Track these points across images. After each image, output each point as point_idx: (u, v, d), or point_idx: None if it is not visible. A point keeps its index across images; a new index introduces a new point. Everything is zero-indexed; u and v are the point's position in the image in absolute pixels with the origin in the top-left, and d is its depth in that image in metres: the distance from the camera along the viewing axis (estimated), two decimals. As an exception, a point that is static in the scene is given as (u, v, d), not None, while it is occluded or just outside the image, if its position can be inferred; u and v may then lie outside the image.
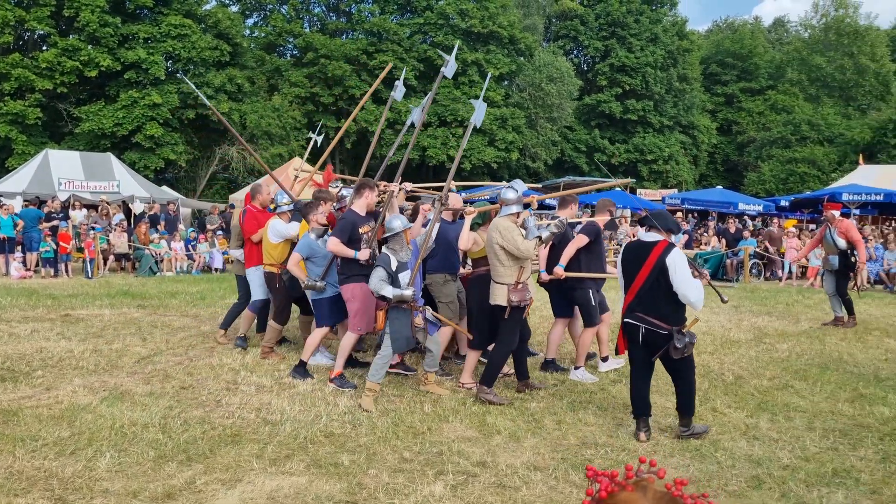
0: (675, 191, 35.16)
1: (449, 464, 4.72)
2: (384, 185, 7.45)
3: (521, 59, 39.44)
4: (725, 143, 48.59)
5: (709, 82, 49.39)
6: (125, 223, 18.15)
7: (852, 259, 10.51)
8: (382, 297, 6.08)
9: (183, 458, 4.72)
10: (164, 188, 26.53)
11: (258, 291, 8.17)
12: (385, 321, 6.15)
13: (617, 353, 5.77)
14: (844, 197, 21.02)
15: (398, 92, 8.52)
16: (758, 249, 18.88)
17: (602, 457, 4.93)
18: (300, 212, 7.61)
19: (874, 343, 9.30)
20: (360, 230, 6.71)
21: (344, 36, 38.37)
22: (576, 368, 7.30)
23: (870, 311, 11.87)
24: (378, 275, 6.04)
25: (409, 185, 7.80)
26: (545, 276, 7.26)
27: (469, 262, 7.33)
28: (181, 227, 19.28)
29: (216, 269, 17.56)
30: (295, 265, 6.98)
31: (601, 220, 7.55)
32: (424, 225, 7.20)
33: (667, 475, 1.92)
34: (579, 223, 7.55)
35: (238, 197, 25.24)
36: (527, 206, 6.76)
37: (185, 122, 29.37)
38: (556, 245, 7.17)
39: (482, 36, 37.38)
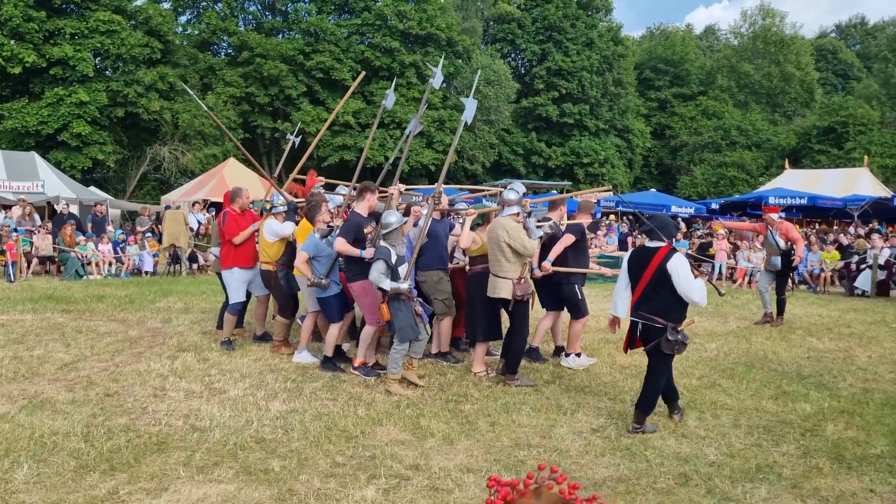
0: (611, 193, 35.77)
1: (382, 467, 4.70)
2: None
3: (459, 61, 39.60)
4: (659, 146, 49.71)
5: (643, 87, 50.50)
6: (49, 224, 17.53)
7: (792, 258, 11.02)
8: (380, 290, 6.60)
9: (106, 468, 4.57)
10: (92, 188, 25.73)
11: (236, 294, 8.38)
12: (389, 313, 6.61)
13: (628, 349, 6.04)
14: (771, 200, 21.73)
15: (389, 101, 9.39)
16: (689, 252, 19.35)
17: (534, 458, 4.97)
18: (304, 213, 7.93)
19: (797, 342, 9.62)
20: (365, 230, 7.21)
21: (280, 35, 37.88)
22: (566, 356, 7.95)
23: (794, 311, 12.28)
24: (378, 268, 6.53)
25: (402, 187, 8.23)
26: (537, 273, 7.79)
27: (466, 258, 7.86)
28: (110, 228, 18.70)
29: (146, 273, 17.11)
30: (302, 263, 7.31)
31: (584, 220, 8.21)
32: (415, 224, 7.71)
33: (566, 480, 1.98)
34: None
35: (170, 198, 24.72)
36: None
37: (114, 120, 28.55)
38: (546, 244, 7.70)
39: (420, 38, 37.40)
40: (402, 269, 6.70)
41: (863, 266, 16.34)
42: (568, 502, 1.97)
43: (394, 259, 6.62)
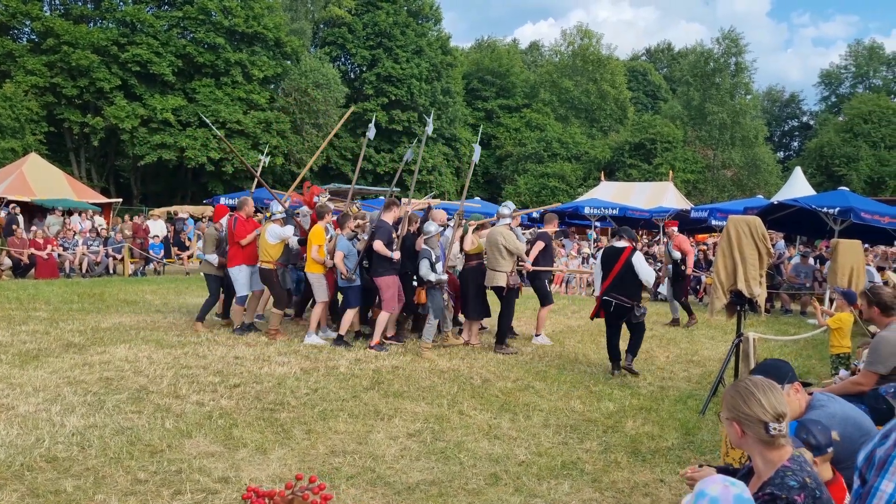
0: (439, 201, 36.47)
1: (188, 482, 4.50)
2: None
3: (288, 62, 38.97)
4: (485, 156, 51.25)
5: (470, 97, 52.01)
6: None
7: (682, 267, 12.46)
8: (427, 281, 8.82)
9: None
10: None
11: (242, 287, 9.88)
12: (426, 298, 8.95)
13: (591, 317, 8.72)
14: (586, 210, 22.98)
15: (371, 132, 11.93)
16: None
17: (350, 464, 4.96)
18: (314, 217, 10.02)
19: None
20: (393, 236, 9.16)
21: (91, 24, 35.50)
22: (536, 336, 10.21)
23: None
24: (425, 265, 8.85)
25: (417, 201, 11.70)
26: (528, 266, 10.17)
27: (462, 256, 10.01)
28: None
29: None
30: (340, 261, 9.10)
31: (551, 229, 10.67)
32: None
33: (324, 490, 2.01)
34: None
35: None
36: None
37: None
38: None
39: (246, 36, 36.43)
40: (438, 266, 8.88)
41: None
42: None
43: (434, 258, 8.85)
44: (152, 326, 10.27)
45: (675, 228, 12.98)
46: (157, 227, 21.21)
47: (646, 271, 7.99)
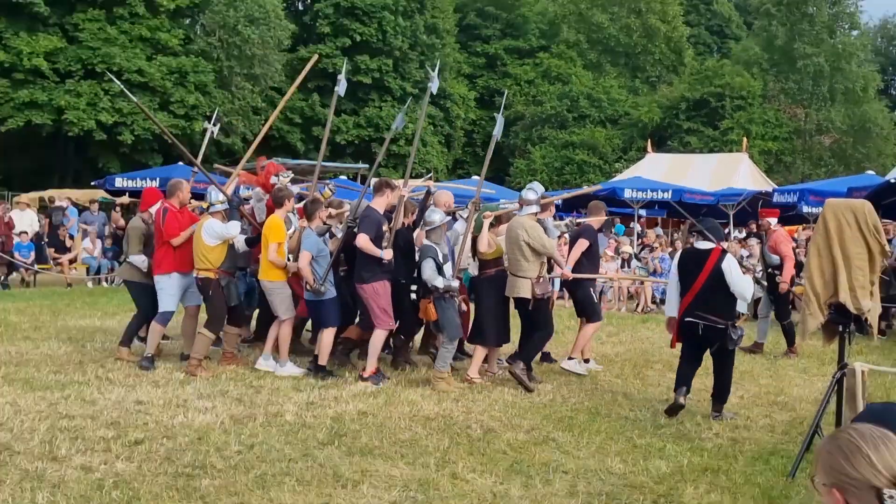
0: (426, 181, 36.37)
1: None
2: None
3: (212, -12, 38.96)
4: (486, 118, 50.97)
5: (466, 37, 51.92)
6: None
7: (778, 277, 12.15)
8: (434, 288, 8.93)
9: None
10: None
11: (168, 301, 9.98)
12: (436, 313, 9.06)
13: (671, 346, 8.73)
14: (626, 194, 22.79)
15: (341, 87, 12.00)
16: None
17: None
18: (270, 204, 10.14)
19: (655, 379, 10.28)
20: (383, 228, 9.35)
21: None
22: (569, 359, 10.31)
23: (651, 339, 13.14)
24: (430, 266, 8.97)
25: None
26: (567, 273, 10.23)
27: (475, 261, 10.10)
28: None
29: None
30: (306, 265, 9.22)
31: (596, 221, 10.84)
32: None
33: None
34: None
35: None
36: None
37: None
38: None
39: (150, -49, 36.38)
40: (447, 268, 9.07)
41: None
42: None
43: (440, 257, 9.02)
44: (18, 360, 10.23)
45: (774, 221, 12.82)
46: (25, 219, 20.97)
47: (740, 281, 8.09)
